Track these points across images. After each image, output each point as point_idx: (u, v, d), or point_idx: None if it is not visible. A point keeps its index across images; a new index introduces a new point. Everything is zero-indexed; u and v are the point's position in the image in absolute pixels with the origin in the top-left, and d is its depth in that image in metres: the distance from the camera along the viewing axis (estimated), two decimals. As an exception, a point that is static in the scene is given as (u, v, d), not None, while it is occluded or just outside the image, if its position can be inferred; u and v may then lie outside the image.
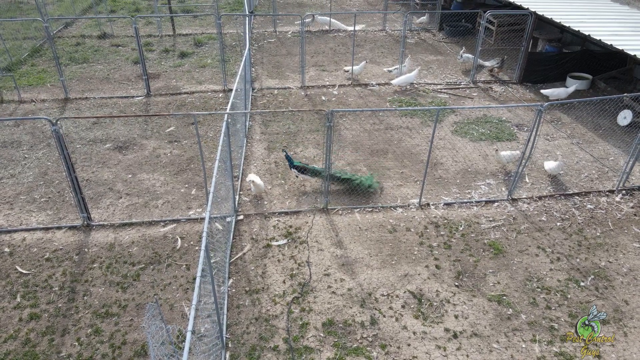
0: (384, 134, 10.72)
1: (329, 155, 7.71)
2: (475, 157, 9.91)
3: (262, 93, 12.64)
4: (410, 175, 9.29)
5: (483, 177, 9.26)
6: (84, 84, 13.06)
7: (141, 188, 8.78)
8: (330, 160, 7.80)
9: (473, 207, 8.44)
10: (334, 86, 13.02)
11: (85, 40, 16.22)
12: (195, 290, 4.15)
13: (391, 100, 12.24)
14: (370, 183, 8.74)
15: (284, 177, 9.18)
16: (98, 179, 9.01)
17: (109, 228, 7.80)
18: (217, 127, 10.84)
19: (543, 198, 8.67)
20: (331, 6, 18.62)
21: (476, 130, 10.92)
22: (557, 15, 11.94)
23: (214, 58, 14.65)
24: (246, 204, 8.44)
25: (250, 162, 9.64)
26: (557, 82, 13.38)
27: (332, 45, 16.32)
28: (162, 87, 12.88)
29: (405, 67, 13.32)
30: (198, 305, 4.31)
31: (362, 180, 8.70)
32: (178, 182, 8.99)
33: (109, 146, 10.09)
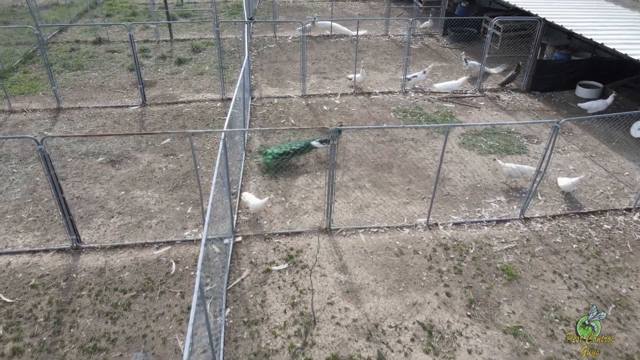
0: (389, 147, 10.29)
1: (333, 172, 7.28)
2: (484, 172, 9.48)
3: (262, 102, 12.21)
4: (417, 191, 8.87)
5: (493, 194, 8.84)
6: (78, 92, 12.63)
7: (134, 206, 8.35)
8: (333, 177, 7.37)
9: (484, 227, 8.02)
10: (335, 95, 12.59)
11: (80, 46, 15.80)
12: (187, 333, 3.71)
13: (395, 110, 11.82)
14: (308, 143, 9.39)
15: (285, 193, 8.76)
16: (89, 196, 8.57)
17: (99, 251, 7.37)
18: (215, 140, 10.41)
19: (557, 217, 8.24)
20: (332, 10, 18.22)
21: (484, 142, 10.50)
22: (568, 21, 11.52)
23: (212, 65, 14.23)
24: (245, 223, 8.01)
25: (249, 178, 9.21)
26: (566, 91, 12.97)
27: (334, 51, 15.90)
28: (158, 96, 12.45)
29: (424, 75, 12.92)
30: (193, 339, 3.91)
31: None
32: (173, 200, 8.56)
33: (101, 160, 9.66)
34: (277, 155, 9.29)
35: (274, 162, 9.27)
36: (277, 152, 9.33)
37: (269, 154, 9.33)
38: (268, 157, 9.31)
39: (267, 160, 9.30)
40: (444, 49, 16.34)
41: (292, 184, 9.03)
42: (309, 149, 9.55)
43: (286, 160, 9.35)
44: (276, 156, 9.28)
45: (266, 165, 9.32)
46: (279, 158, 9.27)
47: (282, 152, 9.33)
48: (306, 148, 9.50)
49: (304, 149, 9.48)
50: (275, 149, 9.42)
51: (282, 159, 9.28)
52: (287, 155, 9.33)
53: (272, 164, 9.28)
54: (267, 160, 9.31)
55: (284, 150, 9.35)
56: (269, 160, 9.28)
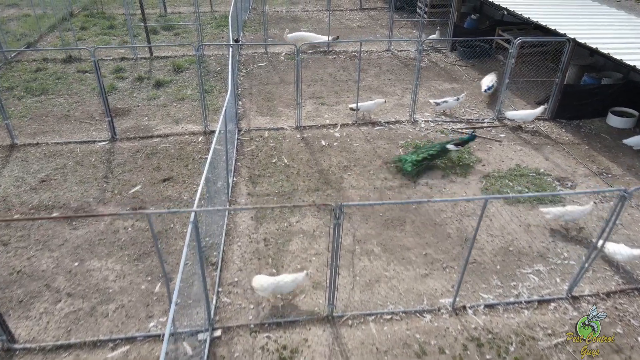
0: (399, 195, 8.72)
1: (338, 254, 5.69)
2: (514, 229, 7.93)
3: (250, 136, 10.60)
4: (437, 258, 7.30)
5: (529, 261, 7.28)
6: (38, 124, 10.96)
7: (89, 284, 6.72)
8: (338, 260, 5.77)
9: (523, 310, 6.45)
10: (335, 126, 11.00)
11: (47, 65, 14.11)
12: None
13: (404, 146, 10.24)
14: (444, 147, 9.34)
15: (277, 262, 7.16)
16: (34, 270, 6.94)
17: (37, 354, 5.74)
18: (194, 186, 8.80)
19: (612, 295, 6.69)
20: (330, 21, 16.65)
21: (511, 187, 8.94)
22: (601, 42, 9.97)
23: (194, 88, 12.59)
24: (227, 308, 6.40)
25: (232, 239, 7.61)
26: (595, 119, 11.45)
27: (331, 70, 14.30)
28: (131, 128, 10.80)
29: (457, 101, 11.43)
30: None
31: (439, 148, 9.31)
32: (138, 273, 6.94)
33: (55, 216, 8.02)
34: (416, 162, 9.15)
35: (414, 169, 9.12)
36: (415, 158, 9.20)
37: (408, 161, 9.22)
38: (408, 165, 9.17)
39: (408, 168, 9.13)
40: (454, 66, 14.79)
41: (284, 248, 7.44)
42: (445, 152, 9.45)
43: (425, 165, 9.24)
44: (415, 163, 9.14)
45: (407, 172, 9.15)
46: (419, 165, 9.15)
47: (422, 158, 9.19)
48: (442, 152, 9.41)
49: (440, 153, 9.40)
50: (413, 156, 9.30)
51: (421, 165, 9.18)
52: (426, 160, 9.23)
53: (413, 172, 9.12)
54: (407, 168, 9.15)
55: (423, 157, 9.20)
56: (409, 168, 9.12)
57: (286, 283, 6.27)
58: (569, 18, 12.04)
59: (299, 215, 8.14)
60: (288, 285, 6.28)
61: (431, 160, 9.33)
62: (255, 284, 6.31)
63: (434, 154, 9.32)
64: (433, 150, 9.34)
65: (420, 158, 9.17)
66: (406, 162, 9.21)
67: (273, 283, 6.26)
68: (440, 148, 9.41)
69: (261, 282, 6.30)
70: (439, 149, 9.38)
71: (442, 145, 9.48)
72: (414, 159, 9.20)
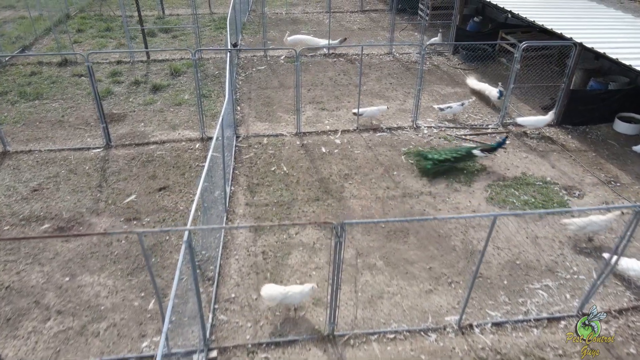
0: (402, 205, 8.46)
1: (339, 273, 5.43)
2: (521, 241, 7.67)
3: (249, 142, 10.33)
4: (442, 272, 7.03)
5: (537, 275, 7.01)
6: (31, 130, 10.70)
7: (80, 301, 6.46)
8: (339, 278, 5.51)
9: (532, 328, 6.19)
10: (335, 132, 10.73)
11: (42, 69, 13.84)
12: None
13: (407, 153, 9.97)
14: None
15: (275, 276, 6.90)
16: (23, 286, 6.67)
17: (24, 377, 5.49)
18: (191, 195, 8.54)
19: (624, 312, 6.43)
20: (330, 23, 16.38)
21: (517, 197, 8.68)
22: (608, 47, 9.71)
23: (192, 93, 12.32)
24: (223, 326, 6.14)
25: (230, 252, 7.34)
26: (602, 124, 11.19)
27: (332, 74, 14.04)
28: (126, 135, 10.54)
29: (461, 107, 11.17)
30: None
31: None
32: (132, 289, 6.67)
33: (46, 228, 7.76)
34: (437, 161, 9.02)
35: (434, 168, 9.02)
36: (437, 158, 9.05)
37: (429, 159, 9.09)
38: (429, 163, 9.05)
39: (428, 166, 9.04)
40: (456, 70, 14.52)
41: (283, 262, 7.18)
42: (470, 157, 9.30)
43: (446, 167, 9.12)
44: (437, 162, 9.02)
45: (426, 170, 9.06)
46: (440, 164, 9.02)
47: (444, 158, 9.05)
48: (467, 156, 9.26)
49: (464, 158, 9.25)
50: (436, 155, 9.14)
51: (442, 166, 9.06)
52: (448, 162, 9.07)
53: (432, 170, 9.03)
54: (427, 166, 9.05)
55: (446, 157, 9.05)
56: (429, 166, 9.02)
57: (294, 294, 6.07)
58: (574, 21, 11.78)
59: (298, 226, 7.88)
60: (296, 297, 6.08)
61: (453, 163, 9.16)
62: (264, 292, 6.18)
63: (458, 157, 9.14)
64: (457, 154, 9.18)
65: (442, 158, 9.02)
66: (426, 159, 9.09)
67: (282, 293, 6.10)
68: (466, 152, 9.24)
69: (270, 291, 6.16)
70: (464, 153, 9.22)
71: (467, 150, 9.31)
72: (435, 157, 9.05)
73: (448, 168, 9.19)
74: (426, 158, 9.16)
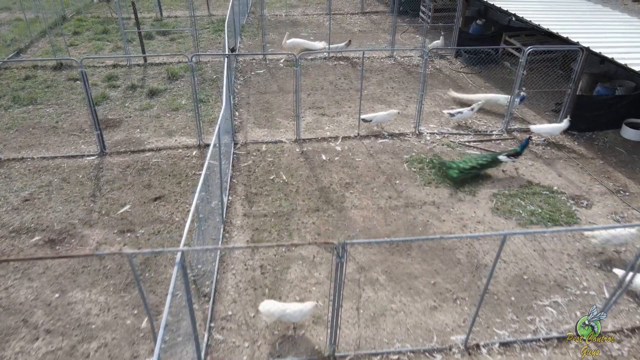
0: (405, 215, 8.20)
1: (340, 294, 5.17)
2: (529, 253, 7.41)
3: (247, 150, 10.07)
4: (446, 288, 6.77)
5: (546, 291, 6.75)
6: (24, 136, 10.44)
7: (69, 319, 6.20)
8: (340, 304, 5.25)
9: (542, 348, 5.93)
10: (336, 139, 10.47)
11: (37, 72, 13.58)
12: None
13: (409, 161, 9.72)
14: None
15: (274, 292, 6.64)
16: (11, 302, 6.41)
17: (9, 402, 5.23)
18: (187, 205, 8.28)
19: (637, 330, 6.17)
20: (330, 25, 16.11)
21: (523, 207, 8.42)
22: (616, 52, 9.45)
23: (189, 98, 12.05)
24: (219, 346, 5.89)
25: (227, 266, 7.08)
26: (609, 130, 10.94)
27: (332, 77, 13.77)
28: (121, 141, 10.28)
29: (471, 112, 10.92)
30: None
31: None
32: (124, 306, 6.41)
33: (37, 240, 7.50)
34: (463, 170, 8.85)
35: (460, 177, 8.83)
36: (463, 166, 8.89)
37: (454, 167, 8.90)
38: (454, 171, 8.85)
39: (454, 175, 8.83)
40: (459, 73, 14.26)
41: (282, 276, 6.92)
42: (496, 163, 9.14)
43: (473, 174, 8.98)
44: (463, 170, 8.84)
45: (452, 179, 8.88)
46: (466, 172, 8.86)
47: (470, 166, 8.89)
48: (493, 162, 9.10)
49: (490, 164, 9.09)
50: (461, 163, 8.98)
51: (469, 173, 8.91)
52: (474, 170, 8.93)
53: (458, 179, 8.84)
54: (453, 174, 8.85)
55: (472, 165, 8.90)
56: (455, 175, 8.82)
57: (294, 312, 5.83)
58: (580, 25, 11.51)
59: (297, 238, 7.62)
60: (295, 315, 5.83)
61: (480, 170, 9.03)
62: (262, 307, 5.96)
63: (484, 164, 9.01)
64: (483, 160, 9.04)
65: (468, 166, 8.87)
66: (452, 168, 8.91)
67: (280, 309, 5.88)
68: (491, 158, 9.09)
69: (268, 306, 5.94)
70: (490, 159, 9.08)
71: (493, 156, 9.16)
72: (461, 166, 8.89)
73: (474, 175, 9.02)
74: (451, 167, 8.96)
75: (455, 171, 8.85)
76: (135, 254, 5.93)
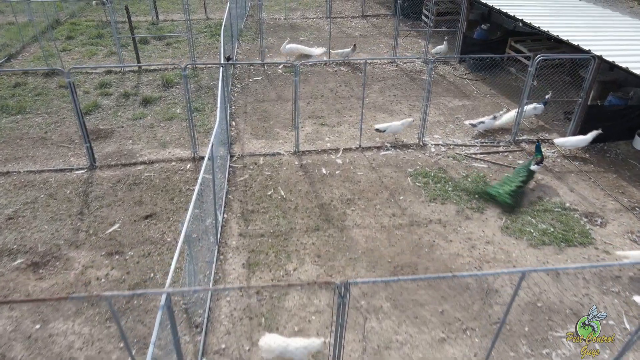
0: (409, 235, 7.76)
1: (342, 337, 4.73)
2: (542, 278, 6.97)
3: (244, 163, 9.63)
4: (455, 316, 6.34)
5: (562, 320, 6.32)
6: (11, 148, 10.00)
7: (50, 354, 5.76)
8: (342, 344, 4.81)
9: (559, 387, 5.51)
10: (337, 151, 10.03)
11: (27, 79, 13.15)
12: None
13: (413, 174, 9.28)
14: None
15: (271, 321, 6.20)
16: (-12, 335, 5.98)
17: None
18: (179, 224, 7.83)
19: (661, 366, 5.75)
20: (330, 29, 15.69)
21: (534, 225, 7.98)
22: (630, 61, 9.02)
23: (184, 107, 11.62)
24: (210, 384, 5.45)
25: (221, 292, 6.64)
26: (621, 141, 10.51)
27: (332, 84, 13.34)
28: (113, 153, 9.84)
29: (494, 120, 10.54)
30: None
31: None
32: (110, 338, 5.97)
33: (19, 263, 7.06)
34: (512, 192, 8.46)
35: (514, 200, 8.42)
36: (510, 189, 8.52)
37: (503, 194, 8.46)
38: (506, 197, 8.41)
39: (508, 201, 8.38)
40: (463, 80, 13.83)
41: (279, 304, 6.48)
42: (532, 175, 8.95)
43: (521, 192, 8.68)
44: (512, 194, 8.45)
45: (508, 205, 8.37)
46: (516, 194, 8.49)
47: (515, 187, 8.56)
48: (530, 176, 8.89)
49: (529, 178, 8.86)
50: (506, 187, 8.59)
51: (517, 193, 8.55)
52: (520, 189, 8.64)
53: (513, 202, 8.38)
54: (506, 200, 8.39)
55: (517, 185, 8.60)
56: (509, 200, 8.38)
57: (297, 349, 5.38)
58: (589, 31, 11.08)
59: (296, 261, 7.18)
60: (299, 352, 5.38)
61: (523, 187, 8.77)
62: (263, 342, 5.50)
63: (525, 180, 8.76)
64: (522, 176, 8.80)
65: (514, 187, 8.57)
66: (501, 195, 8.49)
67: (282, 345, 5.41)
68: (527, 172, 8.86)
69: (269, 341, 5.47)
70: (527, 173, 8.84)
71: (526, 169, 8.91)
72: (508, 190, 8.53)
73: (522, 193, 8.74)
74: (499, 195, 8.47)
75: (507, 197, 8.40)
76: (114, 296, 5.48)
